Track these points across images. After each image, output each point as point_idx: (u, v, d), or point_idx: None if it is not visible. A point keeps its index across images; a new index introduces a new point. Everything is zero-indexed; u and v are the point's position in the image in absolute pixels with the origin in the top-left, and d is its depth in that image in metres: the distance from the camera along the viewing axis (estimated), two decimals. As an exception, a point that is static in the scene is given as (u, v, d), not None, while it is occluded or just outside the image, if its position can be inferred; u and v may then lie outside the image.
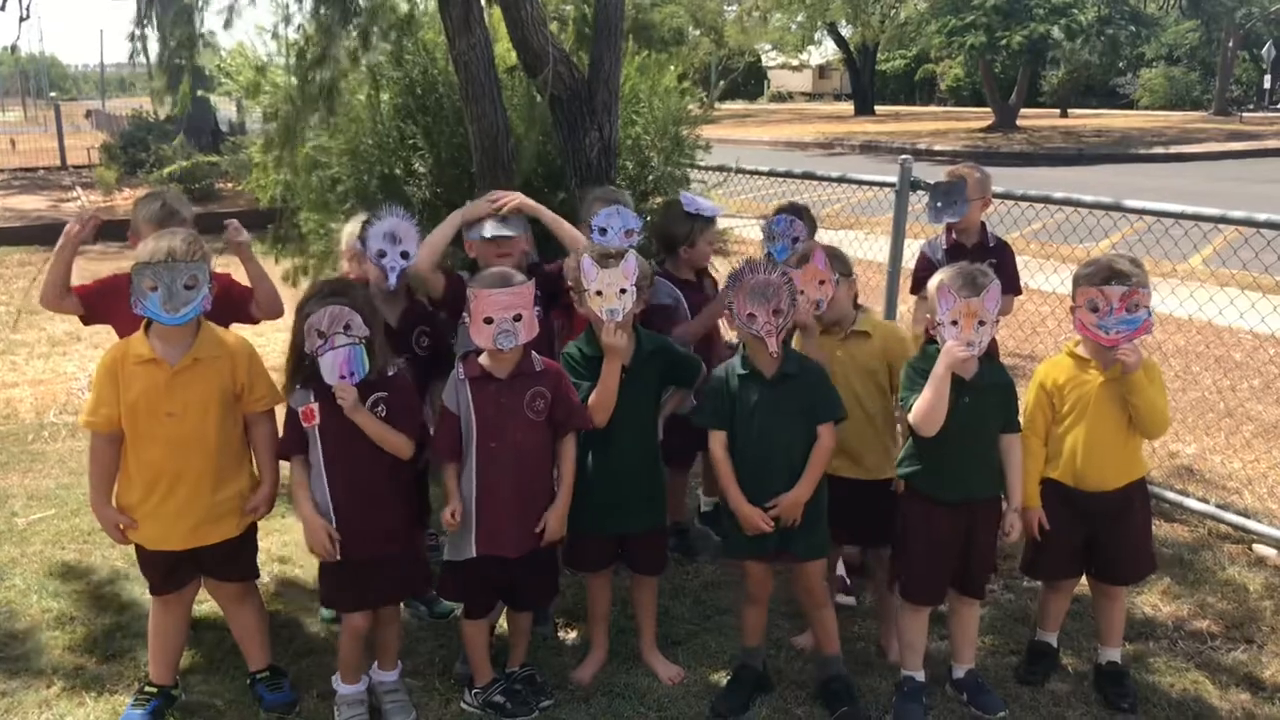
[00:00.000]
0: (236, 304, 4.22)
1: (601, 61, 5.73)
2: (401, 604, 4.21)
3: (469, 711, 3.90)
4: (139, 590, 4.65)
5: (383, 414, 3.66)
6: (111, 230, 4.76)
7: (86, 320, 4.31)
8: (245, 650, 4.03)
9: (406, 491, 3.85)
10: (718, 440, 3.83)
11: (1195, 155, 25.34)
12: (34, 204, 17.85)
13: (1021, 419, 3.93)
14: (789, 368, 3.78)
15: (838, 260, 4.12)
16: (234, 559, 3.87)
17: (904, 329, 4.63)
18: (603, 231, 4.47)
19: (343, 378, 3.54)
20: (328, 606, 3.98)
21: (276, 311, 4.32)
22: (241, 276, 4.27)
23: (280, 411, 3.84)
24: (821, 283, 3.98)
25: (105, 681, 4.10)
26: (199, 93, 7.45)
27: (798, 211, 4.91)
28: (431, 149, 6.54)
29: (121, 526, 3.72)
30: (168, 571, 3.82)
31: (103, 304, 4.25)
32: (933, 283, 3.73)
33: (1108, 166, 23.44)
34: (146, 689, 3.91)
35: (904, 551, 3.92)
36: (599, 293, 3.80)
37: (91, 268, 4.44)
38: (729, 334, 4.97)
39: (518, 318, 3.64)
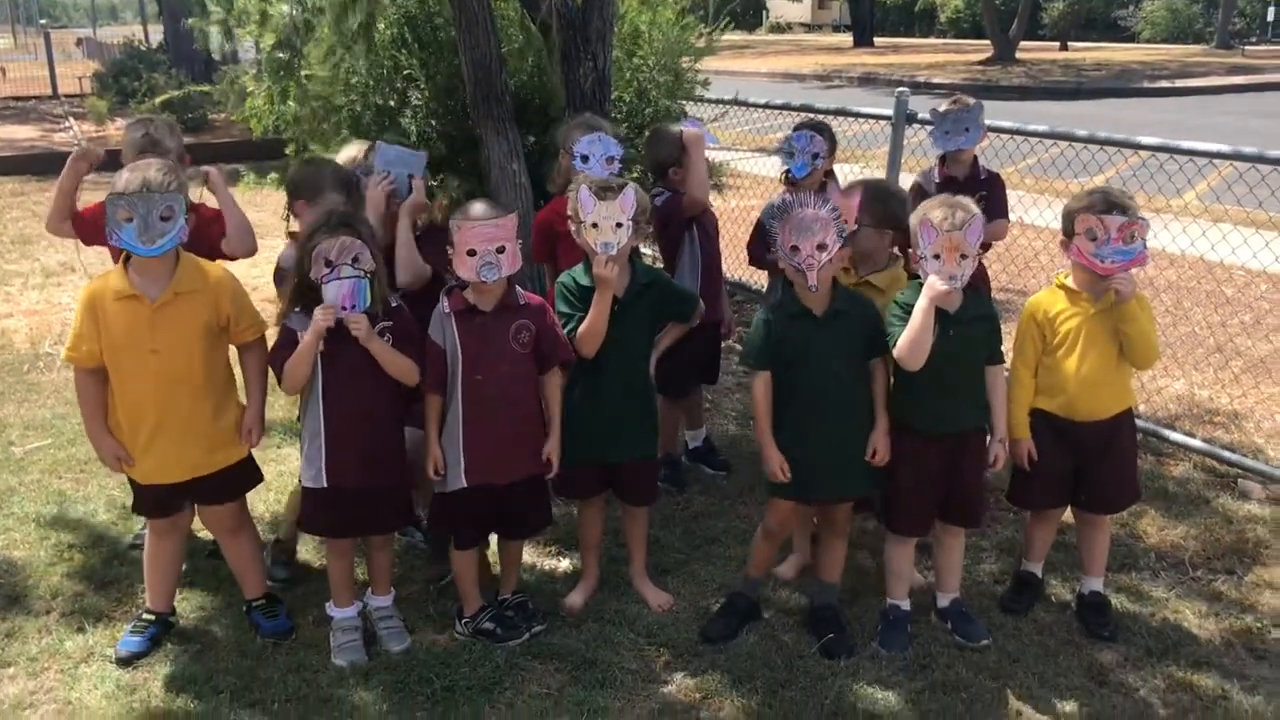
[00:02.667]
0: (212, 239, 4.21)
1: (596, -9, 5.67)
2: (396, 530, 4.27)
3: (462, 639, 3.97)
4: (136, 519, 4.70)
5: (389, 343, 3.70)
6: (109, 161, 4.74)
7: (86, 242, 4.35)
8: (241, 579, 4.08)
9: (399, 425, 3.88)
10: (762, 381, 3.83)
11: (1196, 89, 25.09)
12: (25, 133, 17.70)
13: (1011, 350, 3.97)
14: (840, 304, 3.79)
15: (878, 204, 4.10)
16: (228, 486, 3.90)
17: None
18: (584, 159, 4.45)
19: (344, 309, 3.56)
20: (308, 531, 4.01)
21: (249, 248, 4.31)
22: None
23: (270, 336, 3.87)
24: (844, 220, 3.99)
25: (103, 609, 4.16)
26: (190, 21, 7.42)
27: (818, 129, 4.90)
28: (428, 80, 6.50)
29: (119, 458, 3.75)
30: (161, 500, 3.85)
31: (96, 229, 4.28)
32: (915, 217, 3.74)
33: (1107, 100, 23.24)
34: (144, 616, 3.98)
35: (891, 484, 3.97)
36: (595, 225, 3.80)
37: (85, 197, 4.44)
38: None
39: (500, 250, 3.65)
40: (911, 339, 3.64)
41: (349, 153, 4.45)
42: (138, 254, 3.55)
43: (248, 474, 3.97)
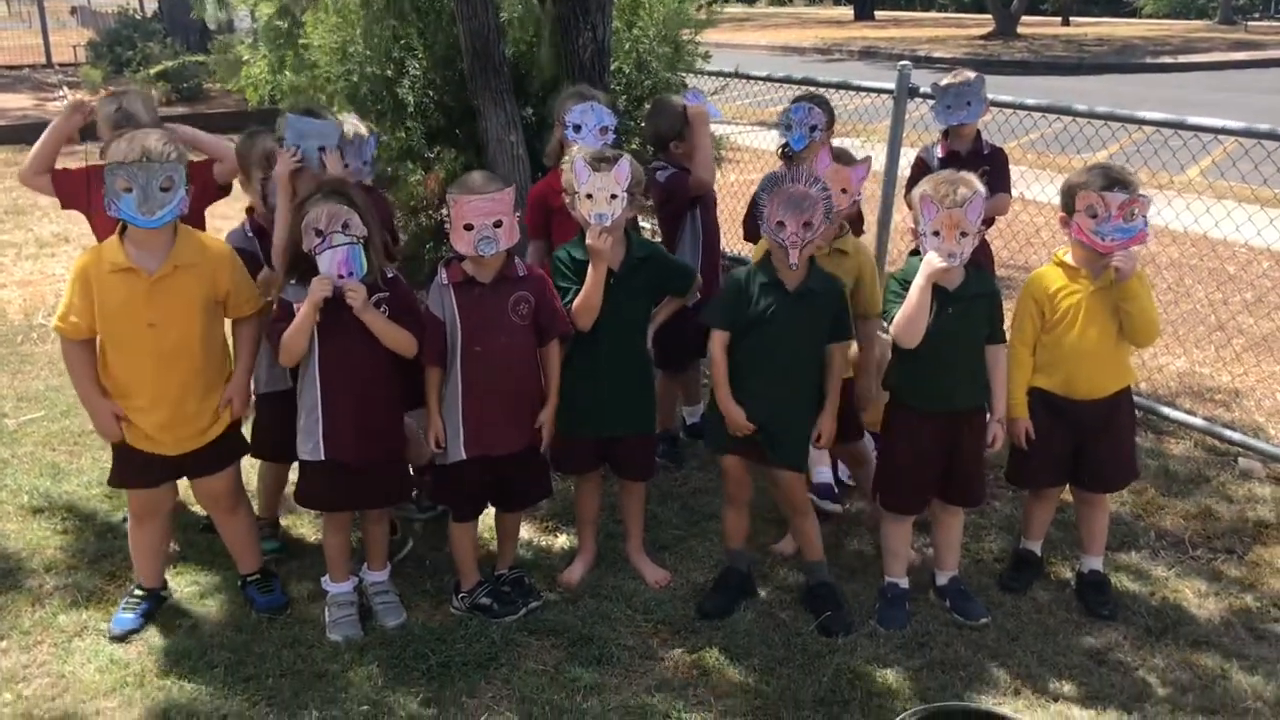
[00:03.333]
0: (205, 182, 4.20)
1: (595, -41, 5.61)
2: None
3: (458, 614, 3.95)
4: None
5: (386, 314, 3.67)
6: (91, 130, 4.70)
7: (64, 204, 4.34)
8: (236, 555, 4.05)
9: (396, 397, 3.85)
10: (719, 340, 3.83)
11: (1199, 65, 24.92)
12: (18, 103, 17.54)
13: (1009, 329, 3.93)
14: (813, 283, 3.76)
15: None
16: (217, 456, 3.85)
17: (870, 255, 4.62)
18: (576, 129, 4.41)
19: (341, 277, 3.52)
20: (304, 505, 3.98)
21: (236, 165, 4.31)
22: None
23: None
24: (843, 191, 3.96)
25: (97, 583, 4.14)
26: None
27: (816, 101, 4.86)
28: (426, 50, 6.43)
29: (118, 416, 3.68)
30: (147, 468, 3.77)
31: (76, 191, 4.29)
32: (916, 193, 3.71)
33: (1109, 76, 23.10)
34: (135, 593, 3.95)
35: (887, 461, 3.94)
36: (589, 196, 3.77)
37: (63, 164, 4.40)
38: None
39: (498, 224, 3.62)
40: (907, 316, 3.61)
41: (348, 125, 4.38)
42: (137, 225, 3.49)
43: (236, 443, 3.93)
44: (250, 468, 4.24)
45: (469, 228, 3.59)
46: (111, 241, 3.61)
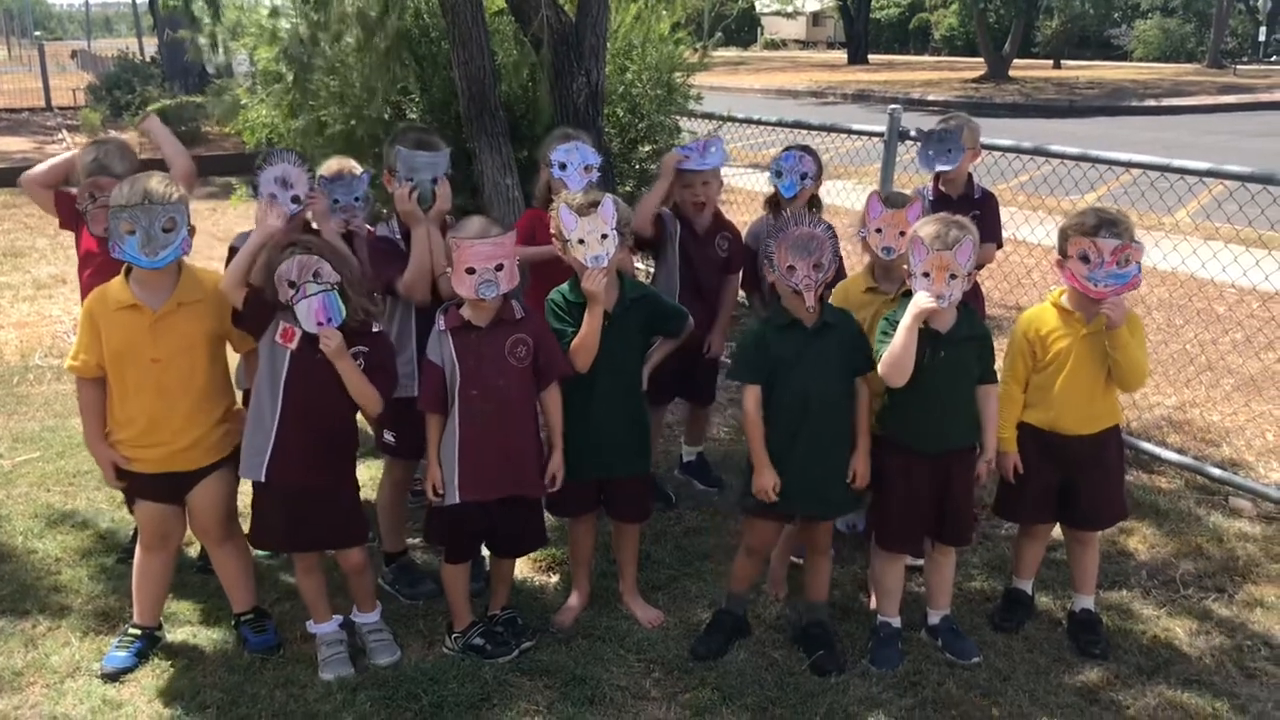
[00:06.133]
0: None
1: (590, 6, 5.69)
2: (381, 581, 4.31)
3: (451, 655, 3.95)
4: (124, 533, 4.69)
5: (361, 366, 3.67)
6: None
7: (62, 224, 4.52)
8: (229, 592, 4.05)
9: (351, 440, 3.86)
10: (752, 395, 3.82)
11: (1188, 108, 25.21)
12: (18, 145, 17.68)
13: (1001, 366, 3.96)
14: (829, 317, 3.80)
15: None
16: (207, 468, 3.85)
17: None
18: (562, 167, 4.48)
19: (320, 324, 3.54)
20: (257, 545, 3.98)
21: (189, 164, 4.51)
22: None
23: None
24: (901, 233, 3.95)
25: (89, 623, 4.14)
26: (179, 33, 7.44)
27: (807, 150, 4.92)
28: (423, 93, 6.50)
29: (115, 463, 3.73)
30: (148, 486, 3.80)
31: (72, 213, 4.42)
32: (908, 234, 3.75)
33: (1100, 119, 23.35)
34: (130, 631, 3.95)
35: (880, 501, 3.96)
36: (581, 241, 3.81)
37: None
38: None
39: (499, 267, 3.65)
40: (893, 356, 3.64)
41: (332, 167, 4.38)
42: (141, 266, 3.57)
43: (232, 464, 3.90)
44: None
45: (471, 271, 3.63)
46: (117, 281, 3.69)
